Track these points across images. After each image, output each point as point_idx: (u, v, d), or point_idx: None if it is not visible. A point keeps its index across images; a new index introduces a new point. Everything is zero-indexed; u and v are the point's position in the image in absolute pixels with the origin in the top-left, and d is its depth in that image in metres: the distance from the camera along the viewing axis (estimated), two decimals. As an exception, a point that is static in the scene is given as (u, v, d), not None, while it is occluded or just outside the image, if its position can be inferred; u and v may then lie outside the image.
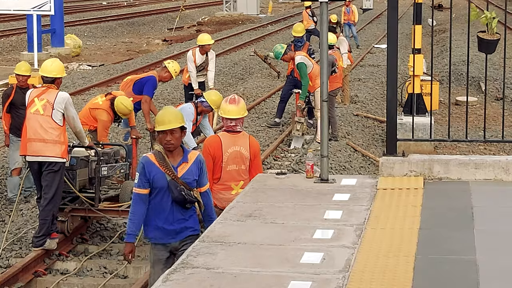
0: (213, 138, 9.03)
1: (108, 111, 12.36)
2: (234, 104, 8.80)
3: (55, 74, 10.42)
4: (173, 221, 7.38)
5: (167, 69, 14.32)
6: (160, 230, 7.42)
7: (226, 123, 8.83)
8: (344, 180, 8.23)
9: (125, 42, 38.68)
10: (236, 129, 8.81)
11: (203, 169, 7.46)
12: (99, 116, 12.33)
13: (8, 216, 12.12)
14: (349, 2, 33.10)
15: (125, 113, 12.51)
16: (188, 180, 7.30)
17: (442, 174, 8.14)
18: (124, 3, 62.23)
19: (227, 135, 8.80)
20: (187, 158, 7.33)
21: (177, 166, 7.28)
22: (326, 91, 8.12)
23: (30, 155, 10.33)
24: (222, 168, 8.76)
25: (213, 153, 8.72)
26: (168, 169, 7.22)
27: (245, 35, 38.57)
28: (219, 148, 8.71)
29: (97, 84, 23.51)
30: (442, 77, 24.13)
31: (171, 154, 7.28)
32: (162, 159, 7.22)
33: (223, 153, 8.71)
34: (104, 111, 12.38)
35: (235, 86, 24.28)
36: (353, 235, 6.44)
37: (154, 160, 7.24)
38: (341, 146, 16.24)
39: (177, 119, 7.21)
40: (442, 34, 37.47)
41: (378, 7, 52.47)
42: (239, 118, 8.79)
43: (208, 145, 8.84)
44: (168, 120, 7.16)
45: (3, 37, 36.40)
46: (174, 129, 7.17)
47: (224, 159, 8.73)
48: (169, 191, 7.26)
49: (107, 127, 12.50)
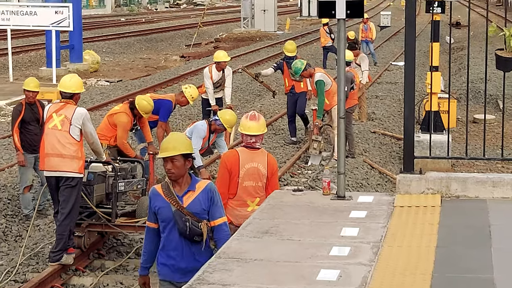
0: (231, 152, 9.03)
1: (127, 113, 12.50)
2: (254, 120, 8.81)
3: (74, 89, 10.47)
4: (183, 258, 6.89)
5: (183, 94, 14.31)
6: (168, 267, 6.96)
7: (246, 139, 8.83)
8: (361, 197, 8.20)
9: (143, 58, 38.83)
10: (256, 145, 8.81)
11: (214, 199, 6.87)
12: (118, 119, 12.46)
13: (25, 231, 12.17)
14: (367, 19, 33.13)
15: (147, 110, 12.69)
16: (195, 211, 6.80)
17: (459, 192, 8.11)
18: (142, 20, 62.54)
19: (245, 150, 8.80)
20: (194, 187, 6.82)
21: (183, 195, 6.80)
22: (343, 107, 8.12)
23: (48, 170, 10.37)
24: (238, 184, 8.75)
25: (229, 168, 8.71)
26: (172, 199, 6.77)
27: (263, 52, 38.63)
28: (236, 163, 8.70)
29: (115, 100, 23.59)
30: (460, 95, 24.06)
31: (177, 183, 6.81)
32: (167, 189, 6.80)
33: (240, 169, 8.70)
34: (123, 113, 12.52)
35: (252, 102, 24.31)
36: (369, 252, 6.42)
37: (160, 191, 6.83)
38: (358, 163, 16.21)
39: (180, 147, 6.71)
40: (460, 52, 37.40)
41: (395, 24, 52.44)
42: (259, 134, 8.80)
43: (226, 159, 8.83)
44: (171, 146, 6.70)
45: (22, 52, 36.63)
46: (175, 157, 6.68)
47: (240, 174, 8.72)
48: (175, 222, 6.79)
49: (126, 129, 12.56)
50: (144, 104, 12.65)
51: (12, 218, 12.75)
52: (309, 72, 16.33)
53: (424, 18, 50.29)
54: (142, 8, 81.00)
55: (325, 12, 8.18)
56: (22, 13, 27.44)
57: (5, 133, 18.70)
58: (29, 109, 12.56)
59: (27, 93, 12.62)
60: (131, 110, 12.64)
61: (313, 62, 34.17)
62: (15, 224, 12.57)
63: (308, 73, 16.34)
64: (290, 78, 17.66)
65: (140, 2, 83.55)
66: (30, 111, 12.57)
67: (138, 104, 12.60)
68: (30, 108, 12.56)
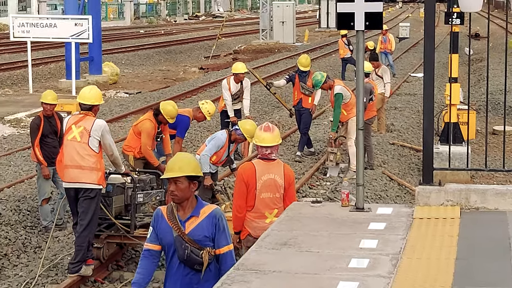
0: (247, 165, 8.99)
1: (151, 119, 12.59)
2: (269, 131, 8.80)
3: (93, 101, 10.51)
4: (181, 285, 6.46)
5: (200, 110, 14.24)
6: None
7: (261, 151, 8.82)
8: (380, 209, 8.18)
9: (162, 70, 38.95)
10: (271, 156, 8.80)
11: (219, 226, 6.38)
12: (143, 126, 12.58)
13: (44, 242, 12.21)
14: (386, 31, 33.08)
15: (172, 115, 12.80)
16: (197, 238, 6.35)
17: (479, 204, 8.07)
18: (161, 32, 62.78)
19: (261, 162, 8.79)
20: (198, 212, 6.37)
21: (186, 220, 6.36)
22: (362, 119, 8.11)
23: (67, 181, 10.40)
24: (256, 196, 8.74)
25: (246, 180, 8.70)
26: (175, 223, 6.36)
27: (281, 63, 38.66)
28: (253, 175, 8.69)
29: (134, 112, 23.68)
30: (479, 106, 23.98)
31: (181, 207, 6.39)
32: (170, 213, 6.40)
33: (257, 181, 8.70)
34: (147, 119, 12.63)
35: (270, 114, 24.31)
36: (388, 264, 6.40)
37: (164, 214, 6.44)
38: (377, 175, 16.17)
39: (186, 168, 6.29)
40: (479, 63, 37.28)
41: (414, 36, 52.36)
42: (274, 145, 8.79)
43: (242, 171, 8.82)
44: (177, 167, 6.29)
45: (42, 64, 36.84)
46: (179, 179, 6.26)
47: (257, 186, 8.71)
48: (176, 249, 6.40)
49: (150, 136, 12.61)
50: (169, 109, 12.77)
51: (32, 230, 12.80)
52: (329, 84, 16.34)
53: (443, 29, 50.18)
54: (161, 20, 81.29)
55: (344, 23, 8.19)
56: (42, 26, 27.62)
57: (24, 145, 18.79)
58: (47, 122, 12.58)
59: (44, 106, 12.64)
60: (155, 116, 12.73)
61: (331, 73, 34.14)
62: (34, 236, 12.62)
63: (328, 85, 16.36)
64: (300, 91, 17.64)
65: (159, 14, 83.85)
66: (48, 124, 12.59)
67: (163, 110, 12.69)
68: (48, 121, 12.58)
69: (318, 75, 16.52)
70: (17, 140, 19.72)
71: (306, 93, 17.52)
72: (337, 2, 8.28)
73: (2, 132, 21.11)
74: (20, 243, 12.25)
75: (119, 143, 17.56)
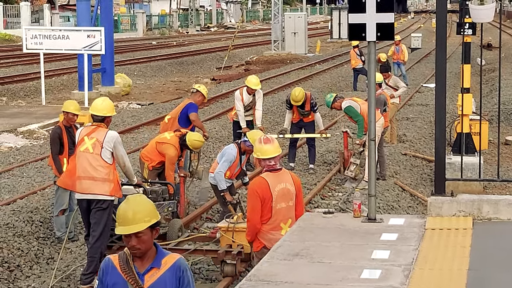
0: (258, 180, 8.86)
1: (176, 147, 12.80)
2: (269, 143, 8.79)
3: (105, 113, 10.54)
4: None
5: (200, 93, 14.93)
6: None
7: (266, 163, 8.77)
8: (392, 220, 8.17)
9: (174, 81, 39.03)
10: (277, 167, 8.79)
11: (184, 279, 5.36)
12: (167, 150, 12.77)
13: (57, 253, 12.24)
14: (399, 41, 33.06)
15: (198, 147, 13.23)
16: None
17: (491, 215, 8.06)
18: (173, 43, 62.93)
19: (270, 174, 8.77)
20: (159, 263, 5.36)
21: (144, 273, 5.35)
22: (373, 129, 8.11)
23: (79, 192, 10.43)
24: (272, 208, 8.71)
25: (261, 195, 8.64)
26: (131, 276, 5.33)
27: (293, 74, 38.68)
28: (267, 189, 8.66)
29: (146, 123, 23.73)
30: (491, 117, 23.93)
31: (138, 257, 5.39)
32: (125, 263, 5.37)
33: (272, 193, 8.68)
34: (172, 146, 12.81)
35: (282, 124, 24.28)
36: (401, 275, 6.39)
37: (116, 264, 5.41)
38: (389, 185, 16.15)
39: (147, 216, 5.31)
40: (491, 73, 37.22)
41: (426, 46, 52.32)
42: (277, 155, 8.79)
43: (256, 187, 8.74)
44: (138, 217, 5.27)
45: (55, 76, 36.96)
46: (142, 231, 5.28)
47: (273, 198, 8.70)
48: None
49: (173, 162, 12.83)
50: (197, 144, 13.15)
51: (44, 241, 12.83)
52: (339, 103, 16.45)
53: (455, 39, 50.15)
54: (174, 32, 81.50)
55: (355, 34, 8.20)
56: (55, 37, 27.73)
57: (37, 156, 18.86)
58: (67, 132, 12.58)
59: (68, 116, 12.57)
60: (180, 145, 12.91)
61: (343, 84, 34.20)
62: (47, 247, 12.65)
63: (339, 104, 16.47)
64: (299, 115, 17.53)
65: (171, 25, 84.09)
66: (68, 134, 12.60)
67: (191, 144, 13.03)
68: (67, 131, 12.58)
69: (328, 96, 16.71)
70: (29, 152, 19.79)
71: (305, 114, 17.42)
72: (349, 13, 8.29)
73: (15, 144, 21.19)
74: (32, 254, 12.28)
75: (131, 154, 17.61)
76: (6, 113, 26.41)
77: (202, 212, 13.87)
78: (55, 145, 12.56)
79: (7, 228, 12.63)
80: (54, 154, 12.57)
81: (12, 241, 12.32)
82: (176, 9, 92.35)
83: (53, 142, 12.62)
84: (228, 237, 10.56)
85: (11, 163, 18.39)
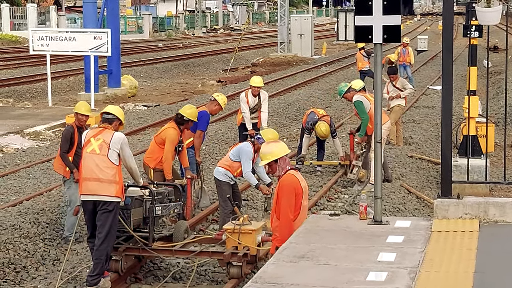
0: (290, 176, 8.71)
1: (174, 127, 12.79)
2: (278, 142, 8.91)
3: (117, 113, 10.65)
4: None
5: (217, 102, 14.89)
6: None
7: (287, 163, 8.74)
8: (398, 222, 8.17)
9: (180, 83, 39.05)
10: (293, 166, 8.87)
11: None
12: (167, 133, 12.91)
13: (63, 255, 12.26)
14: (407, 43, 32.99)
15: (195, 115, 13.26)
16: None
17: (497, 217, 8.05)
18: (180, 45, 62.97)
19: (296, 172, 8.76)
20: None
21: None
22: (380, 132, 8.11)
23: (85, 194, 10.44)
24: (301, 205, 8.62)
25: (297, 191, 8.53)
26: None
27: (299, 76, 38.68)
28: (299, 185, 8.63)
29: (152, 124, 23.75)
30: (498, 119, 23.90)
31: None
32: None
33: (303, 189, 8.68)
34: (170, 127, 12.87)
35: (288, 126, 24.32)
36: (407, 278, 6.38)
37: None
38: (395, 187, 16.14)
39: None
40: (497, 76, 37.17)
41: (433, 48, 52.28)
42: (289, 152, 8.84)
43: (293, 184, 8.62)
44: None
45: (61, 77, 37.01)
46: None
47: (304, 195, 8.68)
48: None
49: (174, 144, 12.80)
50: (192, 111, 13.19)
51: (50, 242, 12.85)
52: (352, 95, 16.42)
53: (461, 42, 50.10)
54: (180, 33, 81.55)
55: (362, 36, 8.20)
56: (61, 39, 27.80)
57: (43, 158, 18.88)
58: (78, 132, 12.63)
59: (79, 117, 12.66)
60: (177, 124, 12.94)
61: (349, 86, 34.12)
62: (53, 248, 12.66)
63: (351, 95, 16.45)
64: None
65: (177, 27, 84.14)
66: (79, 134, 12.62)
67: (186, 114, 13.04)
68: (79, 132, 12.61)
69: (342, 84, 16.68)
70: (36, 153, 19.81)
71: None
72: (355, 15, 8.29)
73: (22, 145, 21.22)
74: (39, 255, 12.30)
75: (137, 155, 17.62)
76: (12, 114, 26.45)
77: (208, 214, 13.89)
78: (66, 143, 12.66)
79: (13, 230, 12.65)
80: (62, 152, 12.65)
81: (19, 243, 12.34)
82: (183, 11, 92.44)
83: (64, 139, 12.70)
84: (234, 239, 10.57)
85: (17, 165, 18.42)
